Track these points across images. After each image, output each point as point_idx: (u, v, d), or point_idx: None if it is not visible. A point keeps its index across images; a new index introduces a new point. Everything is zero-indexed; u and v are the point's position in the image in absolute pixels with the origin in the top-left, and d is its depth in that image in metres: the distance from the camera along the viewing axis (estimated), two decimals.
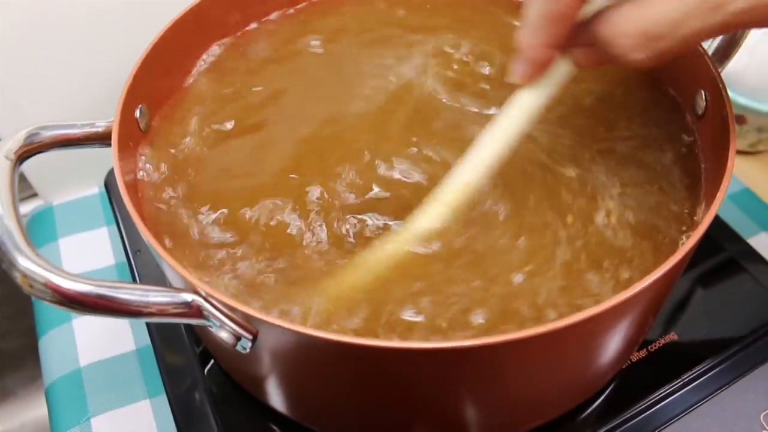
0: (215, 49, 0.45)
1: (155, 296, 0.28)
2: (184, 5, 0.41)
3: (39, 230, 0.57)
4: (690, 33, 0.25)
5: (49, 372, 0.48)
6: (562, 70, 0.31)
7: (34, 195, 0.60)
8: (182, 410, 0.42)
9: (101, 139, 0.35)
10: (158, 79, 0.40)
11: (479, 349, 0.25)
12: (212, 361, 0.44)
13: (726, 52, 0.38)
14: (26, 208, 0.60)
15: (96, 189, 0.59)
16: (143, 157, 0.38)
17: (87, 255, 0.55)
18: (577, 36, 0.29)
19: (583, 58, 0.30)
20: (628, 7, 0.26)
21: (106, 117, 0.35)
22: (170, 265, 0.28)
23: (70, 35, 0.50)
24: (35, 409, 0.68)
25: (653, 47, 0.26)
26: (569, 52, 0.31)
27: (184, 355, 0.45)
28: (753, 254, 0.47)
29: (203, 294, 0.28)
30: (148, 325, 0.47)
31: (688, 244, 0.27)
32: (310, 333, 0.26)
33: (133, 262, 0.49)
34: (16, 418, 0.68)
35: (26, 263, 0.27)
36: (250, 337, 0.28)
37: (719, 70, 0.35)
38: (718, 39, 0.39)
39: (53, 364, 0.48)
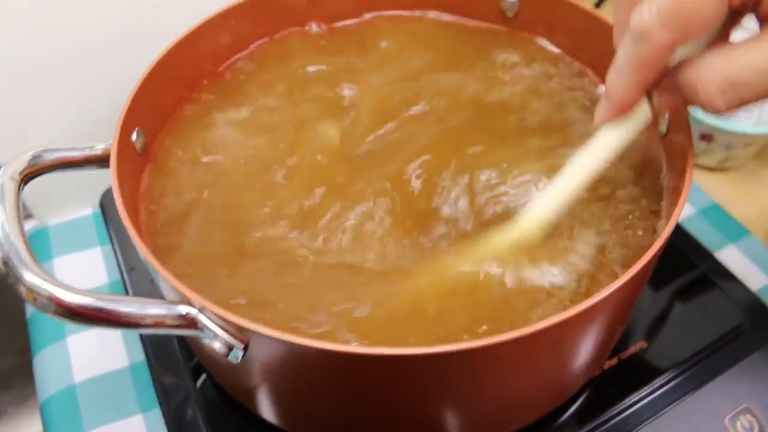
0: (212, 75, 0.47)
1: (152, 309, 0.29)
2: (179, 33, 0.43)
3: (34, 250, 0.57)
4: None
5: (44, 388, 0.49)
6: (643, 112, 0.32)
7: (29, 216, 0.62)
8: (176, 423, 0.43)
9: (100, 161, 0.37)
10: (154, 104, 0.42)
11: (453, 355, 0.27)
12: (204, 376, 0.46)
13: None
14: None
15: (90, 210, 0.61)
16: (140, 179, 0.40)
17: (81, 274, 0.56)
18: (661, 81, 0.30)
19: (665, 102, 0.31)
20: (713, 56, 0.27)
21: (102, 139, 0.37)
22: (165, 279, 0.30)
23: (68, 64, 0.52)
24: (27, 428, 0.69)
25: (736, 96, 0.27)
26: (651, 95, 0.31)
27: (177, 370, 0.46)
28: (719, 267, 0.49)
29: (197, 306, 0.30)
30: (142, 340, 0.48)
31: (648, 253, 0.29)
32: (297, 342, 0.27)
33: (127, 280, 0.50)
34: None
35: (32, 278, 0.29)
36: (242, 346, 0.29)
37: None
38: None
39: (48, 381, 0.49)
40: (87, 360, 0.50)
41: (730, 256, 0.54)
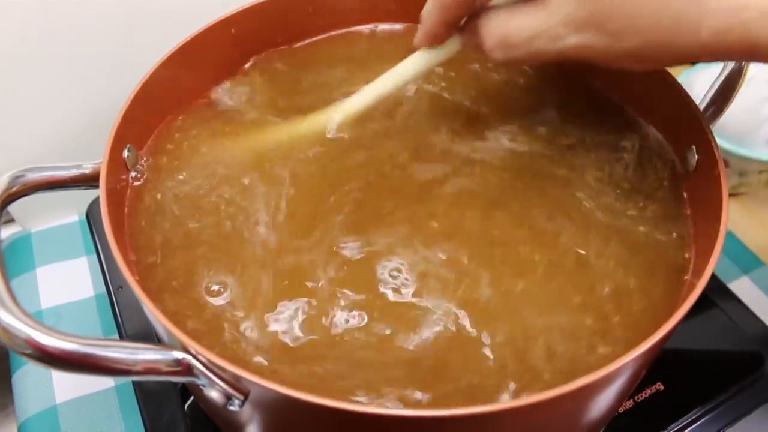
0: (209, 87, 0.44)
1: (144, 354, 0.27)
2: (172, 44, 0.40)
3: (15, 259, 0.55)
4: (536, 50, 0.29)
5: (24, 408, 0.47)
6: (453, 45, 0.36)
7: (11, 221, 0.59)
8: None
9: (89, 180, 0.34)
10: (147, 119, 0.39)
11: (473, 417, 0.25)
12: (192, 398, 0.44)
13: (718, 108, 0.39)
14: (2, 234, 0.59)
15: (76, 216, 0.58)
16: (128, 195, 0.37)
17: (66, 286, 0.53)
18: (470, 21, 0.33)
19: (469, 41, 0.34)
20: (502, 13, 0.31)
21: (90, 147, 0.35)
22: (161, 323, 0.27)
23: (56, 72, 0.49)
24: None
25: (508, 53, 0.30)
26: (461, 31, 0.35)
27: (164, 392, 0.44)
28: (735, 302, 0.47)
29: (193, 352, 0.27)
30: None
31: (679, 312, 0.27)
32: (302, 398, 0.25)
33: (115, 299, 0.48)
34: None
35: (8, 318, 0.26)
36: (242, 397, 0.27)
37: (711, 127, 0.36)
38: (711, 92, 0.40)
39: (28, 400, 0.47)
40: (70, 379, 0.48)
41: (744, 287, 0.52)
